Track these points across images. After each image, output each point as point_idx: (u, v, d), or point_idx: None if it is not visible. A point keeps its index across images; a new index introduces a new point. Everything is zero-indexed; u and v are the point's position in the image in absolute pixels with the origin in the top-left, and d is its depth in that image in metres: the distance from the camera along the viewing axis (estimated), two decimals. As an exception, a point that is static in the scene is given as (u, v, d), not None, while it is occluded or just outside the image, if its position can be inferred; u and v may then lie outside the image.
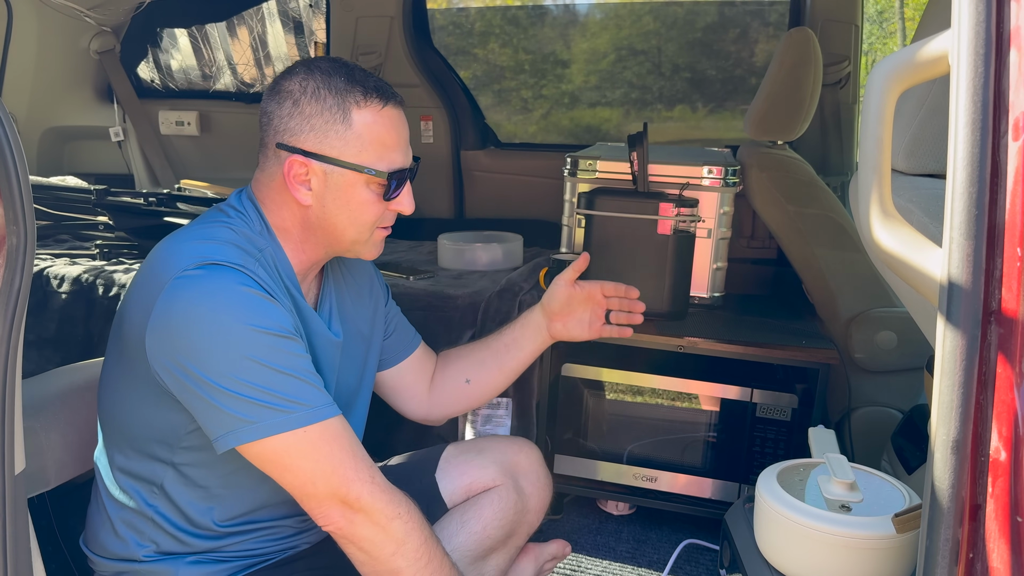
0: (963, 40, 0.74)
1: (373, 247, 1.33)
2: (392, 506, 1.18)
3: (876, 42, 11.97)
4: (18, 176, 0.95)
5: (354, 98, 1.22)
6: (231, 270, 1.15)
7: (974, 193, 0.73)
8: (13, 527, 1.00)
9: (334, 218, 1.26)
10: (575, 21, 3.69)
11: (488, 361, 1.64)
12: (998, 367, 0.72)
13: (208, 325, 1.11)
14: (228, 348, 1.11)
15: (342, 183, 1.24)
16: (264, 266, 1.22)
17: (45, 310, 2.25)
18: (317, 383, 1.17)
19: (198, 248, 1.18)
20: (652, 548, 2.04)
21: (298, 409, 1.13)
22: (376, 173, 1.24)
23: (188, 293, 1.12)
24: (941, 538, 0.75)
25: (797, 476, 1.41)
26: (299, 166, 1.23)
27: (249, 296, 1.14)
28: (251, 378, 1.11)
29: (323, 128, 1.22)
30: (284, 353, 1.14)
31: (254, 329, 1.12)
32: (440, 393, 1.64)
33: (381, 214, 1.29)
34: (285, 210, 1.28)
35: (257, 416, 1.11)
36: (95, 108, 3.36)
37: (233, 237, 1.22)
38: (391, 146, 1.26)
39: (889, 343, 2.07)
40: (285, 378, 1.13)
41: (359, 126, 1.22)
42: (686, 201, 2.01)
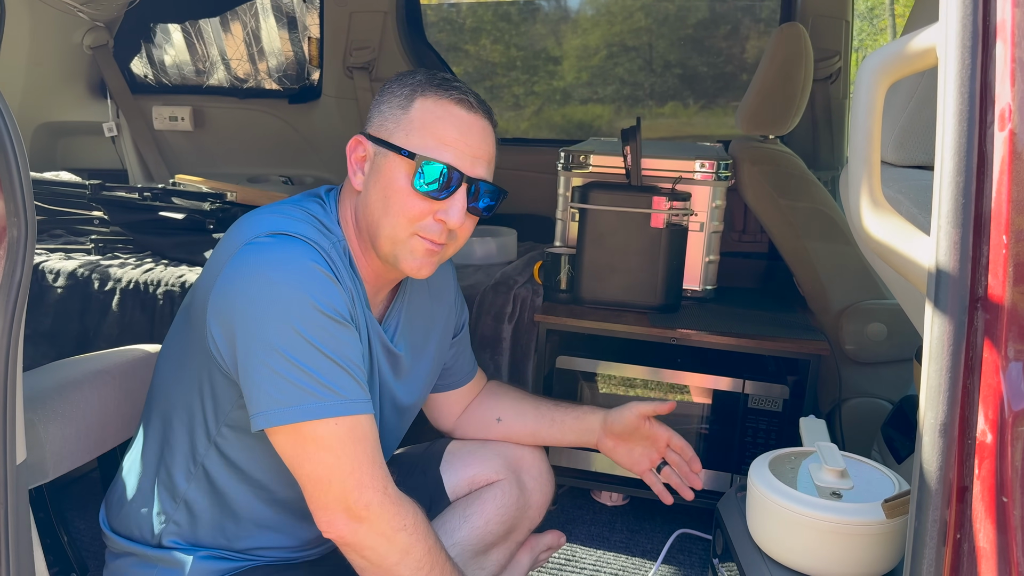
0: (951, 33, 0.75)
1: (411, 256, 1.22)
2: (399, 518, 1.15)
3: (867, 39, 12.02)
4: (19, 169, 0.96)
5: (424, 90, 1.21)
6: (302, 243, 1.14)
7: (961, 182, 0.75)
8: (15, 517, 1.01)
9: (373, 204, 1.21)
10: (566, 17, 3.70)
11: (528, 418, 1.59)
12: (984, 352, 0.74)
13: (267, 291, 1.09)
14: (281, 318, 1.08)
15: (383, 165, 1.20)
16: (339, 255, 1.21)
17: (40, 305, 2.25)
18: (359, 376, 1.15)
19: (274, 220, 1.18)
20: (645, 538, 2.06)
21: (332, 398, 1.10)
22: (408, 155, 1.18)
23: (255, 258, 1.11)
24: (929, 520, 0.77)
25: (788, 465, 1.43)
26: (360, 148, 1.24)
27: (314, 271, 1.11)
28: (296, 354, 1.08)
29: (387, 112, 1.22)
30: (334, 337, 1.11)
31: (312, 304, 1.09)
32: (470, 419, 1.62)
33: (421, 216, 1.20)
34: (348, 201, 1.27)
35: (292, 398, 1.09)
36: (88, 103, 3.35)
37: (310, 218, 1.21)
38: (444, 141, 1.19)
39: (879, 335, 2.09)
40: (328, 363, 1.10)
41: (415, 111, 1.20)
42: (679, 195, 2.03)
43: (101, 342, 2.20)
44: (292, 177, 3.30)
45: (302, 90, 3.32)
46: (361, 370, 1.16)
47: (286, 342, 1.08)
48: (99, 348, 1.83)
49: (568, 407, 1.59)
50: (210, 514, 1.27)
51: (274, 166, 3.38)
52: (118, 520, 1.33)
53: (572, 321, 2.05)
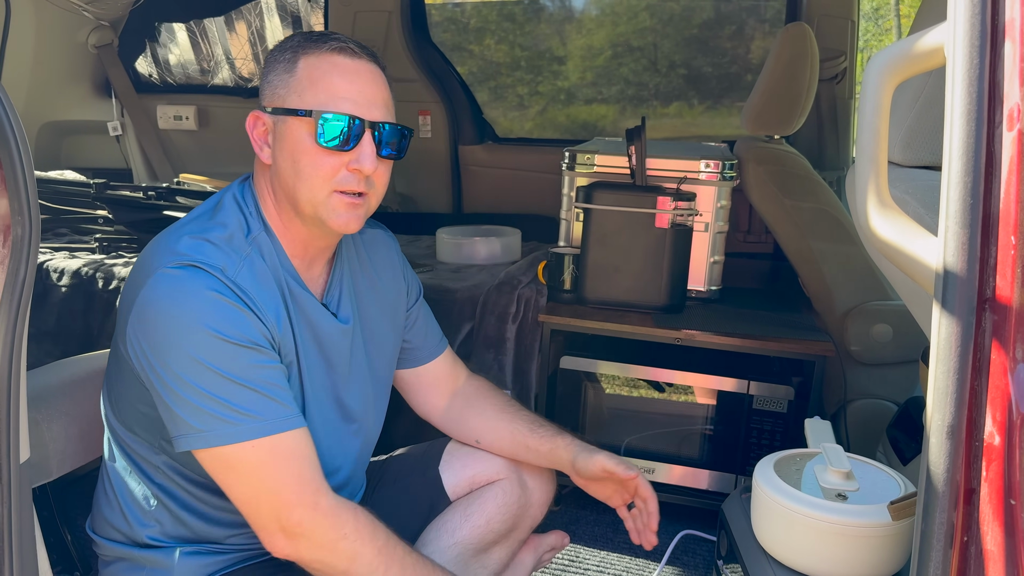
0: (959, 32, 0.75)
1: (333, 213, 1.21)
2: (336, 528, 1.15)
3: (872, 39, 12.00)
4: (23, 167, 0.96)
5: (305, 49, 1.21)
6: (205, 274, 1.13)
7: (969, 183, 0.74)
8: (18, 516, 1.01)
9: (285, 173, 1.21)
10: (571, 17, 3.69)
11: (504, 444, 1.55)
12: (992, 353, 0.73)
13: (171, 324, 1.11)
14: (184, 349, 1.10)
15: (285, 132, 1.20)
16: (253, 264, 1.20)
17: (45, 303, 2.26)
18: (278, 395, 1.15)
19: (184, 245, 1.17)
20: (649, 539, 2.05)
21: (246, 421, 1.11)
22: (306, 114, 1.17)
23: (160, 291, 1.12)
24: (936, 522, 0.76)
25: (793, 466, 1.42)
26: (259, 123, 1.23)
27: (215, 301, 1.12)
28: (203, 383, 1.10)
29: (275, 81, 1.22)
30: (241, 363, 1.12)
31: (213, 334, 1.10)
32: (455, 425, 1.60)
33: (334, 171, 1.20)
34: (262, 180, 1.27)
35: (204, 424, 1.11)
36: (93, 102, 3.35)
37: (223, 233, 1.20)
38: (337, 93, 1.18)
39: (884, 336, 2.09)
40: (237, 388, 1.11)
41: (301, 70, 1.20)
42: (684, 195, 2.03)
43: (105, 341, 2.20)
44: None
45: (306, 90, 3.31)
46: (280, 388, 1.16)
47: (193, 373, 1.10)
48: (103, 347, 1.83)
49: (542, 437, 1.53)
50: (185, 513, 1.28)
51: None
52: (101, 524, 1.33)
53: (576, 321, 2.05)
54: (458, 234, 2.52)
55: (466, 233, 2.54)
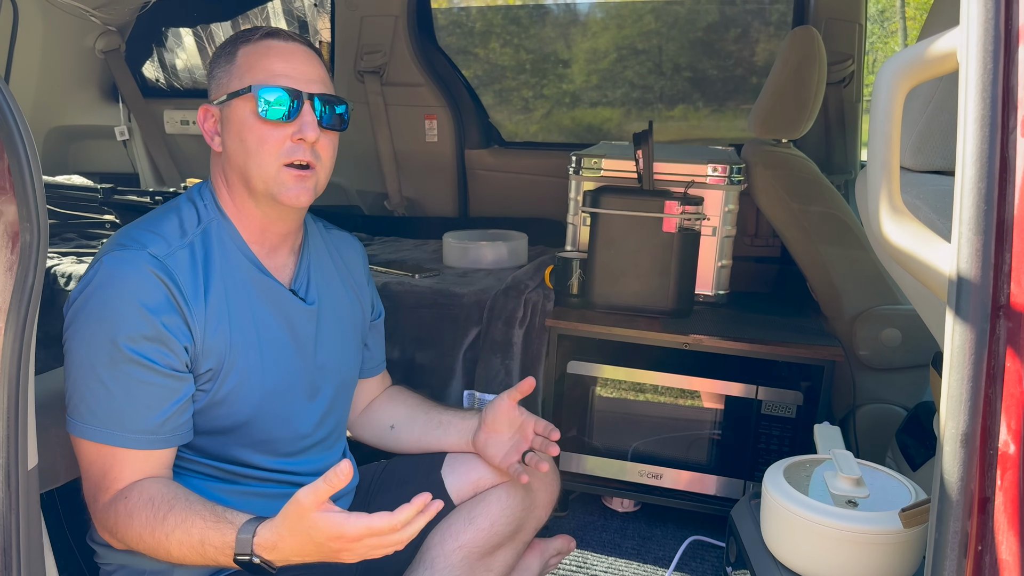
0: (972, 37, 0.74)
1: (283, 187, 1.26)
2: (109, 519, 1.20)
3: (877, 41, 11.97)
4: (31, 174, 0.96)
5: (241, 41, 1.29)
6: (133, 264, 1.19)
7: (983, 189, 0.73)
8: (26, 522, 1.00)
9: (236, 156, 1.27)
10: (576, 20, 3.69)
11: (417, 424, 1.61)
12: (1007, 361, 0.73)
13: (83, 317, 1.18)
14: (83, 340, 1.18)
15: (230, 116, 1.26)
16: (193, 250, 1.25)
17: (52, 309, 2.26)
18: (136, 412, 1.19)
19: (127, 235, 1.25)
20: (657, 545, 2.04)
21: (92, 422, 1.18)
22: (245, 91, 1.24)
23: (86, 282, 1.20)
24: (950, 531, 0.76)
25: (803, 472, 1.42)
26: (208, 116, 1.30)
27: (127, 305, 1.17)
28: (79, 373, 1.18)
29: (218, 75, 1.29)
30: (121, 372, 1.17)
31: (105, 337, 1.16)
32: (367, 423, 1.66)
33: (280, 143, 1.25)
34: (217, 170, 1.33)
35: (71, 407, 1.20)
36: (100, 107, 3.36)
37: (170, 225, 1.27)
38: (273, 72, 1.25)
39: (894, 340, 2.08)
40: (105, 391, 1.17)
41: (239, 57, 1.27)
42: (691, 199, 2.02)
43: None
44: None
45: (313, 94, 3.32)
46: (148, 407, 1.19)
47: (81, 362, 1.18)
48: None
49: (457, 411, 1.62)
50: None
51: (285, 170, 3.38)
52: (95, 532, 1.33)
53: (583, 326, 2.04)
54: (465, 238, 2.52)
55: (473, 237, 2.54)
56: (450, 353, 2.15)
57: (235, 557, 1.12)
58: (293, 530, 1.09)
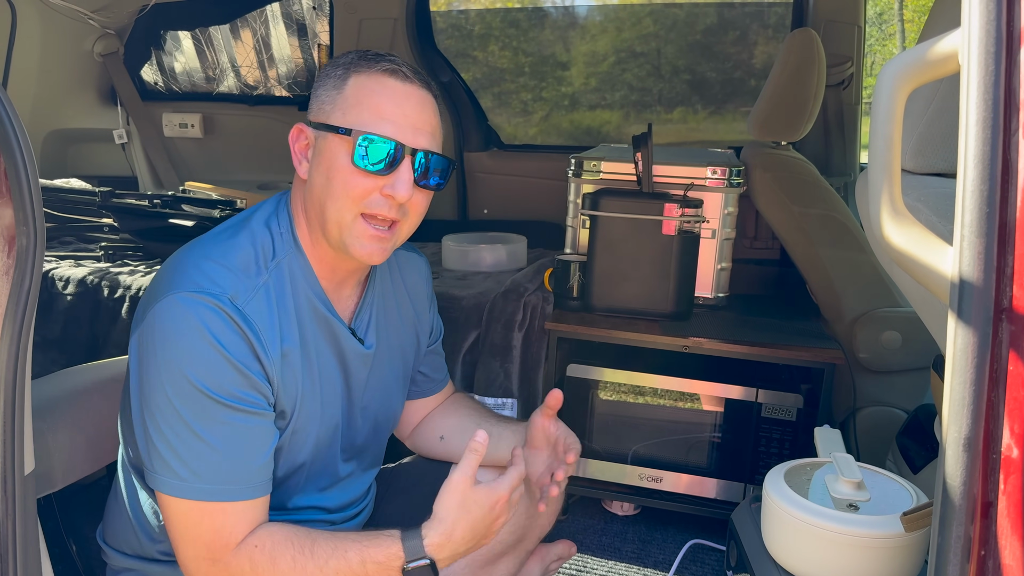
0: (973, 39, 0.74)
1: (357, 241, 1.17)
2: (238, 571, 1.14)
3: (875, 44, 11.99)
4: (28, 177, 0.95)
5: (357, 68, 1.18)
6: (210, 310, 1.10)
7: (985, 191, 0.73)
8: (23, 528, 1.00)
9: (319, 191, 1.17)
10: (575, 23, 3.69)
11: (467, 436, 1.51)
12: (1010, 364, 0.72)
13: (160, 360, 1.09)
14: (166, 393, 1.09)
15: (324, 148, 1.17)
16: (268, 292, 1.17)
17: (50, 312, 2.26)
18: (236, 460, 1.12)
19: (201, 269, 1.14)
20: (657, 548, 2.04)
21: (194, 482, 1.10)
22: (345, 132, 1.14)
23: (162, 320, 1.10)
24: (953, 535, 0.75)
25: (804, 476, 1.41)
26: (302, 136, 1.21)
27: (207, 350, 1.09)
28: (169, 428, 1.10)
29: (323, 95, 1.20)
30: (213, 419, 1.10)
31: (194, 385, 1.08)
32: (420, 434, 1.62)
33: (365, 194, 1.16)
34: (299, 195, 1.24)
35: (158, 467, 1.11)
36: (99, 111, 3.36)
37: (242, 258, 1.17)
38: (381, 114, 1.15)
39: (894, 343, 2.07)
40: (198, 444, 1.10)
41: (350, 89, 1.17)
42: (690, 202, 2.02)
43: (111, 349, 2.20)
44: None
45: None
46: (241, 451, 1.13)
47: (164, 413, 1.10)
48: (109, 356, 1.83)
49: (509, 423, 1.55)
50: None
51: (284, 173, 3.35)
52: (112, 534, 1.33)
53: (583, 329, 2.04)
54: (464, 241, 2.52)
55: (472, 240, 2.54)
56: (449, 356, 2.14)
57: (406, 565, 1.11)
58: (458, 517, 1.13)
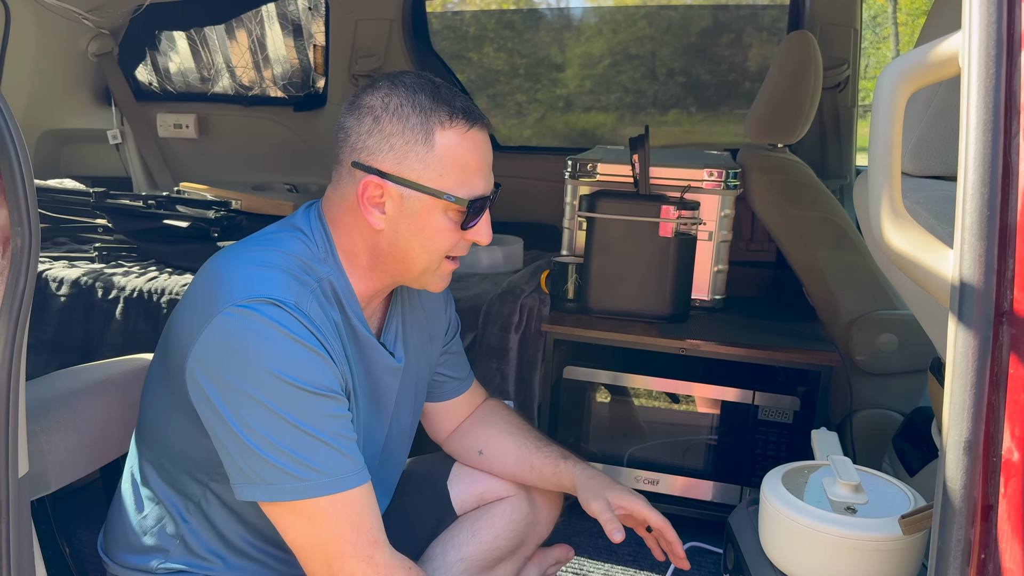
0: (974, 42, 0.74)
1: (441, 279, 1.24)
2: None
3: (869, 47, 12.02)
4: (23, 177, 0.95)
5: (439, 118, 1.14)
6: (280, 311, 1.07)
7: (986, 194, 0.73)
8: (16, 531, 0.99)
9: (406, 244, 1.18)
10: (570, 25, 3.69)
11: (509, 459, 1.52)
12: (1010, 367, 0.72)
13: (242, 369, 1.06)
14: (257, 396, 1.05)
15: (419, 208, 1.16)
16: (320, 298, 1.15)
17: (44, 313, 2.24)
18: (345, 447, 1.10)
19: (253, 276, 1.11)
20: (654, 551, 2.03)
21: (315, 477, 1.07)
22: (456, 200, 1.15)
23: (231, 332, 1.06)
24: (953, 539, 0.75)
25: (801, 478, 1.41)
26: (375, 188, 1.15)
27: (292, 346, 1.06)
28: (273, 434, 1.05)
29: (403, 148, 1.14)
30: (315, 412, 1.08)
31: (287, 381, 1.05)
32: (457, 443, 1.58)
33: (456, 243, 1.20)
34: (356, 233, 1.20)
35: (272, 477, 1.07)
36: (93, 111, 3.35)
37: (290, 264, 1.15)
38: (474, 171, 1.17)
39: (890, 345, 2.07)
40: (308, 439, 1.07)
41: (442, 148, 1.14)
42: (687, 204, 2.02)
43: (105, 351, 2.19)
44: (297, 185, 3.30)
45: (307, 98, 3.31)
46: (347, 439, 1.12)
47: (262, 422, 1.06)
48: (103, 357, 1.82)
49: (547, 457, 1.50)
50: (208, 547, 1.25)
51: (279, 174, 3.37)
52: (113, 548, 1.31)
53: (580, 331, 2.03)
54: (460, 243, 2.51)
55: (468, 242, 2.53)
56: (446, 358, 2.14)
57: None
58: None
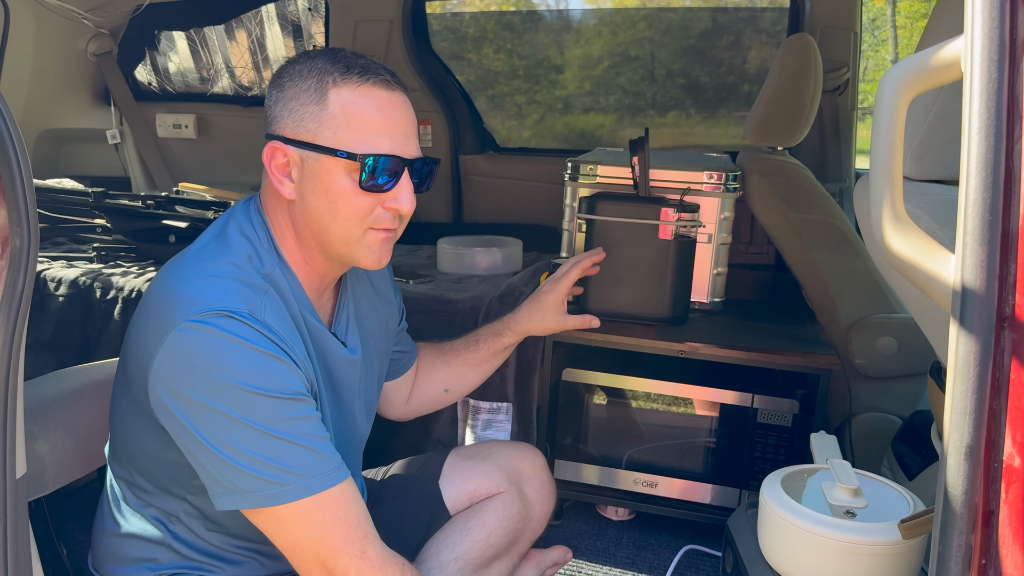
0: (976, 46, 0.74)
1: (368, 251, 1.18)
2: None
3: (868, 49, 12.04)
4: (22, 178, 0.95)
5: (332, 77, 1.13)
6: (234, 322, 1.06)
7: (988, 199, 0.73)
8: (14, 532, 0.99)
9: (315, 212, 1.15)
10: (569, 27, 3.69)
11: (466, 373, 1.69)
12: (1012, 373, 0.72)
13: (205, 385, 1.05)
14: (223, 410, 1.04)
15: (317, 170, 1.13)
16: (273, 299, 1.14)
17: (42, 313, 2.24)
18: (320, 447, 1.10)
19: (204, 289, 1.10)
20: (652, 554, 2.03)
21: (293, 480, 1.06)
22: (348, 155, 1.11)
23: (188, 349, 1.05)
24: (954, 544, 0.75)
25: (800, 482, 1.41)
26: (279, 155, 1.16)
27: (250, 354, 1.06)
28: (246, 444, 1.05)
29: (300, 111, 1.13)
30: (282, 417, 1.07)
31: (251, 391, 1.05)
32: (419, 399, 1.65)
33: (371, 210, 1.16)
34: (279, 211, 1.20)
35: (249, 485, 1.06)
36: (92, 110, 3.34)
37: (239, 268, 1.14)
38: (375, 129, 1.13)
39: (889, 349, 2.07)
40: (281, 444, 1.06)
41: (335, 105, 1.12)
42: (687, 206, 2.02)
43: (103, 351, 2.18)
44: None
45: (306, 98, 3.31)
46: (321, 439, 1.11)
47: (235, 435, 1.05)
48: (101, 357, 1.81)
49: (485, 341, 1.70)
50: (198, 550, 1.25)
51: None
52: (101, 561, 1.31)
53: (578, 333, 2.03)
54: (459, 244, 2.51)
55: (467, 243, 2.53)
56: (444, 360, 2.14)
57: None
58: None
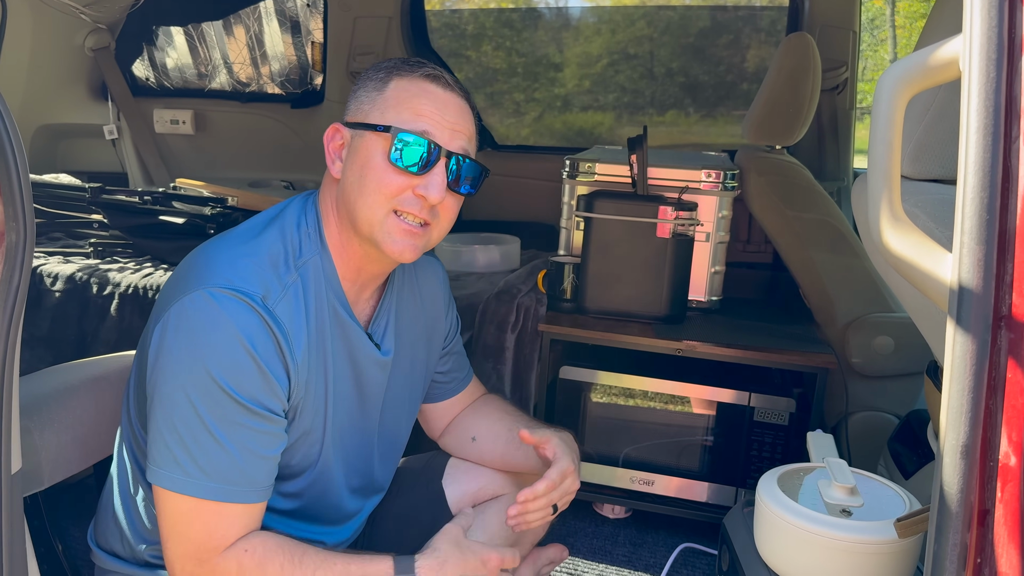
0: (975, 45, 0.74)
1: (389, 238, 1.16)
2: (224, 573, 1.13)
3: (867, 49, 12.05)
4: (18, 173, 0.94)
5: (399, 70, 1.19)
6: (243, 309, 1.08)
7: (985, 198, 0.73)
8: (9, 527, 0.98)
9: (349, 186, 1.17)
10: (568, 25, 3.69)
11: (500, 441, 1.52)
12: (1008, 372, 0.72)
13: (183, 357, 1.08)
14: (183, 386, 1.07)
15: (359, 147, 1.17)
16: (295, 293, 1.15)
17: (38, 309, 2.23)
18: (248, 465, 1.11)
19: (231, 265, 1.12)
20: (649, 552, 2.03)
21: (202, 480, 1.08)
22: (384, 129, 1.14)
23: (187, 317, 1.08)
24: (949, 543, 0.75)
25: (796, 480, 1.41)
26: (337, 136, 1.21)
27: (238, 352, 1.08)
28: (183, 426, 1.08)
29: (363, 96, 1.20)
30: (233, 421, 1.08)
31: (220, 386, 1.07)
32: (450, 434, 1.58)
33: (398, 191, 1.15)
34: (329, 194, 1.23)
35: (163, 462, 1.09)
36: (89, 106, 3.33)
37: (272, 258, 1.16)
38: (420, 113, 1.15)
39: (886, 348, 2.08)
40: (213, 444, 1.08)
41: (391, 90, 1.17)
42: (685, 205, 2.02)
43: (99, 347, 2.18)
44: (293, 182, 3.29)
45: (305, 94, 3.31)
46: (255, 456, 1.11)
47: (178, 410, 1.08)
48: (97, 353, 1.81)
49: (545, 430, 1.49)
50: None
51: (276, 170, 3.36)
52: (103, 537, 1.31)
53: (576, 331, 2.03)
54: (457, 241, 2.51)
55: (465, 241, 2.53)
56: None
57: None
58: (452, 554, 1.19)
